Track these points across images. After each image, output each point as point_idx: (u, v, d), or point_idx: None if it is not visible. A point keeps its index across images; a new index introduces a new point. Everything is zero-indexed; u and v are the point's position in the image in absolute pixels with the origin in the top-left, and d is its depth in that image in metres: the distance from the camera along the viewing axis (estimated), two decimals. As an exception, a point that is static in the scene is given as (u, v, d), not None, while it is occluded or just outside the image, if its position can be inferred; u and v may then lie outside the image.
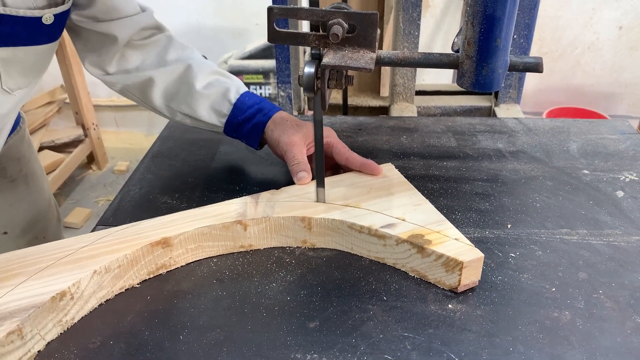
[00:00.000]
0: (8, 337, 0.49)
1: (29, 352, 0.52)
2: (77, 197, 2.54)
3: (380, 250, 0.63)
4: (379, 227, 0.62)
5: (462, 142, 0.94)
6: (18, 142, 0.91)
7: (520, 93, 1.36)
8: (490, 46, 0.52)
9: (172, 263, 0.63)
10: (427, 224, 0.62)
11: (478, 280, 0.59)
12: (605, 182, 0.80)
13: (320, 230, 0.65)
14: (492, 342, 0.53)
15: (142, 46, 0.83)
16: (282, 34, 0.55)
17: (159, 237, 0.61)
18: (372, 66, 0.53)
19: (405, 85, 1.40)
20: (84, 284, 0.56)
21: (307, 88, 0.57)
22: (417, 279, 0.61)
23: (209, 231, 0.64)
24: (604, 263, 0.63)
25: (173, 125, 1.03)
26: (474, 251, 0.58)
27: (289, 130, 0.76)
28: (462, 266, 0.56)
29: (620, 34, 2.55)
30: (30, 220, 0.95)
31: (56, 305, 0.54)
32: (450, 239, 0.60)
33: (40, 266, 0.57)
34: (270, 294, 0.59)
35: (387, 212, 0.64)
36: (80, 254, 0.59)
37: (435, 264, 0.58)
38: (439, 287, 0.60)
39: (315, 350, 0.52)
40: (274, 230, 0.66)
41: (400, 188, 0.70)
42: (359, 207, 0.66)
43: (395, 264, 0.62)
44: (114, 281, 0.59)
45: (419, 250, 0.59)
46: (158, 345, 0.53)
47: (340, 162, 0.76)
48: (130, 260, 0.60)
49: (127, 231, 0.63)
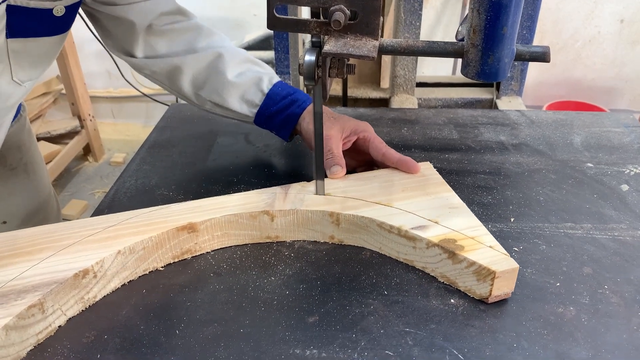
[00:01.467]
0: (29, 310, 0.50)
1: (49, 326, 0.52)
2: (73, 189, 2.52)
3: (409, 252, 0.60)
4: (410, 229, 0.59)
5: (464, 135, 0.92)
6: (18, 131, 0.90)
7: (523, 85, 1.35)
8: (497, 34, 0.50)
9: (197, 249, 0.63)
10: (461, 229, 0.59)
11: (511, 292, 0.56)
12: (610, 176, 0.79)
13: (349, 227, 0.63)
14: (496, 337, 0.51)
15: (168, 32, 0.81)
16: (282, 20, 0.54)
17: (185, 222, 0.61)
18: (374, 54, 0.51)
19: (406, 76, 1.39)
20: (107, 263, 0.56)
21: (307, 77, 0.55)
22: (419, 273, 0.60)
23: (236, 219, 0.63)
24: (609, 258, 0.62)
25: (170, 116, 1.02)
26: (508, 261, 0.55)
27: (326, 122, 0.72)
28: (494, 276, 0.53)
29: (621, 27, 2.53)
30: (31, 210, 0.93)
31: (78, 283, 0.54)
32: (485, 246, 0.57)
33: (66, 242, 0.58)
34: (268, 288, 0.58)
35: (420, 213, 0.62)
36: (106, 233, 0.59)
37: (467, 272, 0.55)
38: (440, 283, 0.58)
39: (315, 346, 0.50)
40: (301, 224, 0.64)
41: (437, 189, 0.67)
42: (391, 205, 0.63)
43: (425, 268, 0.60)
44: (138, 263, 0.59)
45: (450, 256, 0.56)
46: (153, 339, 0.51)
47: (376, 158, 0.73)
48: (155, 243, 0.59)
49: (154, 214, 0.63)
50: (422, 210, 0.62)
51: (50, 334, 0.53)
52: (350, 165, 0.72)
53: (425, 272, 0.60)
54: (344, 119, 0.75)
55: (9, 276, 0.53)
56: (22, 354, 0.50)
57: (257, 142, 0.90)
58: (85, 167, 2.70)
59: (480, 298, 0.56)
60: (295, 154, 0.87)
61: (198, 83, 0.81)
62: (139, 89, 2.67)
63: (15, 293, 0.51)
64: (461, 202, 0.64)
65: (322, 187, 0.66)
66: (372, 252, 0.63)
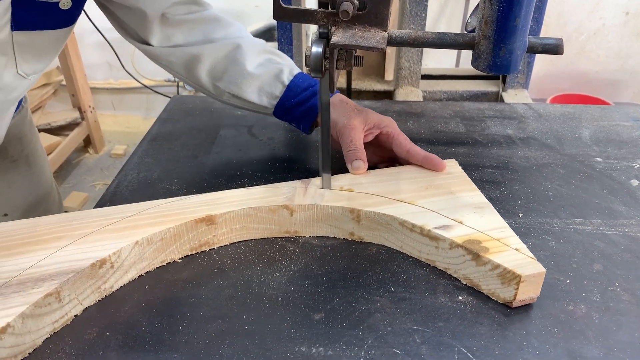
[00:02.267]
0: (46, 298, 0.50)
1: (65, 315, 0.52)
2: (73, 181, 2.52)
3: (432, 252, 0.58)
4: (433, 228, 0.57)
5: (471, 128, 0.91)
6: (20, 122, 0.89)
7: (529, 78, 1.33)
8: (509, 25, 0.49)
9: (215, 241, 0.62)
10: (486, 230, 0.57)
11: (537, 297, 0.54)
12: (619, 171, 0.77)
13: (369, 224, 0.61)
14: (505, 335, 0.50)
15: (184, 22, 0.80)
16: (288, 10, 0.52)
17: (203, 214, 0.60)
18: (383, 46, 0.50)
19: (411, 69, 1.37)
20: (124, 253, 0.56)
21: (314, 69, 0.54)
22: (427, 269, 0.59)
23: (255, 213, 0.62)
24: (619, 254, 0.61)
25: (172, 108, 1.01)
26: (535, 265, 0.53)
27: (350, 112, 0.71)
28: (519, 280, 0.51)
29: (626, 19, 2.51)
30: (32, 202, 0.93)
31: (95, 272, 0.54)
32: (511, 248, 0.55)
33: (84, 231, 0.58)
34: (273, 284, 0.57)
35: (443, 213, 0.60)
36: (125, 223, 0.59)
37: (491, 275, 0.54)
38: (448, 279, 0.57)
39: (321, 343, 0.49)
40: (321, 219, 0.63)
41: (462, 188, 0.65)
42: (414, 203, 0.62)
43: (447, 269, 0.58)
44: (156, 254, 0.59)
45: (474, 258, 0.54)
46: (156, 336, 0.50)
47: (400, 155, 0.71)
48: (174, 234, 0.59)
49: (173, 205, 0.62)
50: (446, 209, 0.61)
51: (66, 323, 0.52)
52: (372, 161, 0.71)
53: (447, 272, 0.58)
54: (368, 112, 0.73)
55: (26, 264, 0.53)
56: (37, 342, 0.50)
57: (261, 134, 0.89)
58: (85, 159, 2.69)
59: (504, 302, 0.54)
60: (300, 147, 0.86)
61: (216, 74, 0.80)
62: (139, 80, 2.65)
63: (33, 281, 0.51)
64: (487, 202, 0.62)
65: (329, 180, 0.65)
66: (378, 248, 0.62)
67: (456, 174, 0.68)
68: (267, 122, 0.94)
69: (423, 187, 0.65)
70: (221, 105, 1.01)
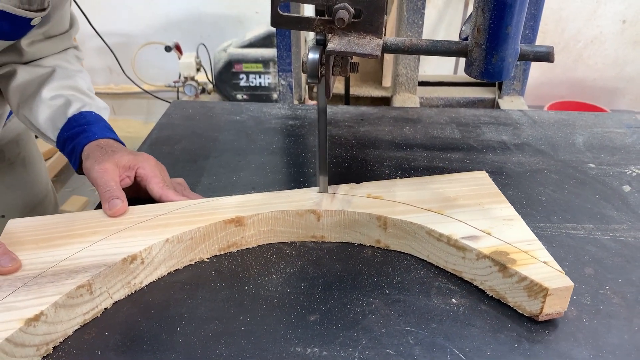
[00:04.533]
0: (78, 290, 0.52)
1: (96, 307, 0.54)
2: (73, 185, 2.52)
3: (458, 262, 0.58)
4: (460, 238, 0.57)
5: (466, 134, 0.92)
6: (16, 125, 0.91)
7: (525, 85, 1.34)
8: (501, 34, 0.50)
9: (243, 243, 0.63)
10: (514, 242, 0.56)
11: (564, 312, 0.53)
12: (612, 177, 0.79)
13: (396, 232, 0.62)
14: (497, 337, 0.51)
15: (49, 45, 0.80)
16: (285, 18, 0.54)
17: (233, 215, 0.61)
18: (378, 52, 0.51)
19: (408, 75, 1.39)
20: (155, 250, 0.58)
21: (311, 75, 0.55)
22: (421, 271, 0.60)
23: (282, 216, 0.63)
24: (610, 258, 0.62)
25: (172, 112, 1.02)
26: (563, 278, 0.52)
27: (102, 156, 0.68)
28: (546, 293, 0.51)
29: (623, 27, 2.53)
30: (29, 204, 0.94)
31: (126, 267, 0.56)
32: (539, 261, 0.54)
33: (118, 227, 0.60)
34: (269, 286, 0.58)
35: (471, 223, 0.59)
36: (157, 221, 0.61)
37: (517, 287, 0.53)
38: (442, 282, 0.58)
39: (316, 344, 0.50)
40: (348, 225, 0.63)
41: (492, 199, 0.65)
42: (442, 213, 0.61)
43: (473, 280, 0.57)
44: (185, 252, 0.60)
45: (500, 269, 0.54)
46: (154, 336, 0.51)
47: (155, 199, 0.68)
48: (203, 234, 0.61)
49: (204, 205, 0.64)
50: (475, 220, 0.60)
51: (96, 315, 0.54)
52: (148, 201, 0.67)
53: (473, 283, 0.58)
54: (121, 153, 0.69)
55: (62, 256, 0.56)
56: (68, 332, 0.52)
57: (259, 140, 0.90)
58: (85, 163, 2.70)
59: (530, 315, 0.53)
60: (297, 152, 0.87)
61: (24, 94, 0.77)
62: (140, 85, 2.67)
63: (67, 273, 0.53)
64: (516, 215, 0.62)
65: (326, 183, 0.66)
66: (373, 251, 0.63)
67: (486, 186, 0.68)
68: (265, 127, 0.95)
69: (452, 197, 0.65)
70: (220, 111, 1.02)
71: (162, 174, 0.70)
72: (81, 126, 0.73)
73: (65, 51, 0.82)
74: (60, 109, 0.75)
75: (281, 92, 1.41)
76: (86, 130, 0.72)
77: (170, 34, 2.73)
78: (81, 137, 0.71)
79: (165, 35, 2.73)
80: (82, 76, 0.81)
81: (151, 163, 0.70)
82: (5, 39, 0.71)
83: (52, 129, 0.75)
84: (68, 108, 0.74)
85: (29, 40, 0.76)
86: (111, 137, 0.73)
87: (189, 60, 2.62)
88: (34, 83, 0.77)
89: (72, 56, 0.83)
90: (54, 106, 0.75)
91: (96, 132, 0.72)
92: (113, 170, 0.67)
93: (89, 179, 0.68)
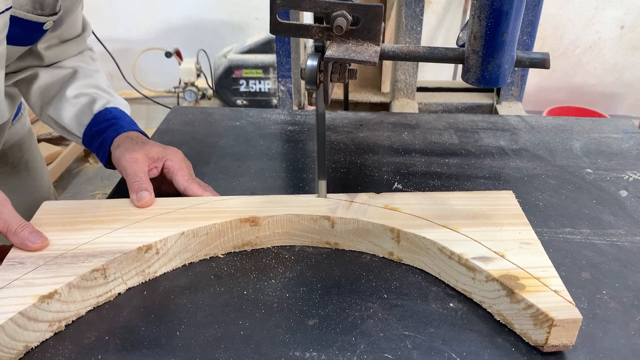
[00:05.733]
0: (92, 273, 0.55)
1: (110, 291, 0.57)
2: (73, 190, 2.53)
3: (468, 283, 0.57)
4: (471, 258, 0.56)
5: (464, 139, 0.93)
6: (19, 129, 0.91)
7: (523, 91, 1.35)
8: (497, 41, 0.51)
9: (258, 242, 0.65)
10: (527, 267, 0.55)
11: (572, 345, 0.51)
12: (609, 182, 0.79)
13: (409, 246, 0.61)
14: (494, 341, 0.52)
15: None
16: (284, 25, 0.54)
17: (248, 215, 0.62)
18: (376, 59, 0.52)
19: (407, 81, 1.39)
20: (170, 242, 0.60)
21: (309, 81, 0.55)
22: (419, 276, 0.60)
23: (297, 220, 0.64)
24: (607, 263, 0.62)
25: (171, 118, 1.02)
26: (571, 310, 0.49)
27: (133, 146, 0.70)
28: (552, 323, 0.49)
29: (622, 33, 2.54)
30: (31, 208, 0.94)
31: (141, 256, 0.58)
32: (549, 289, 0.52)
33: (139, 217, 0.63)
34: (268, 291, 0.58)
35: (486, 244, 0.58)
36: (176, 214, 0.63)
37: (524, 314, 0.51)
38: (439, 287, 0.59)
39: (315, 348, 0.51)
40: (361, 235, 0.63)
41: (512, 221, 0.62)
42: (457, 230, 0.60)
43: (482, 303, 0.56)
44: (200, 246, 0.62)
45: (508, 294, 0.52)
46: (154, 341, 0.52)
47: (180, 192, 0.70)
48: (219, 230, 0.62)
49: (223, 203, 0.65)
50: (490, 240, 0.58)
51: (109, 298, 0.57)
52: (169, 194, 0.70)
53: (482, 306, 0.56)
54: (150, 144, 0.72)
55: (83, 239, 0.59)
56: (81, 312, 0.55)
57: (259, 145, 0.91)
58: (86, 168, 2.71)
59: (536, 345, 0.51)
60: (297, 157, 0.87)
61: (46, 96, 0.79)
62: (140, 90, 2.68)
63: (84, 256, 0.56)
64: (536, 239, 0.60)
65: (324, 188, 0.66)
66: (372, 256, 0.63)
67: (510, 206, 0.66)
68: (264, 132, 0.95)
69: (471, 215, 0.63)
70: (220, 117, 1.02)
71: (188, 168, 0.72)
72: (109, 120, 0.75)
73: (82, 53, 0.85)
74: (85, 106, 0.77)
75: (281, 97, 1.42)
76: (114, 124, 0.75)
77: (171, 40, 2.75)
78: (110, 131, 0.74)
79: (166, 41, 2.74)
80: (101, 75, 0.84)
81: (179, 156, 0.73)
82: (21, 44, 0.72)
83: (78, 126, 0.77)
84: (93, 105, 0.77)
85: (46, 45, 0.78)
86: (139, 131, 0.76)
87: (189, 66, 2.63)
88: (56, 84, 0.80)
89: (89, 57, 0.85)
90: (78, 104, 0.77)
91: (124, 125, 0.75)
92: (143, 160, 0.69)
93: (117, 168, 0.71)
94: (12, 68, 0.78)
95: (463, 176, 0.81)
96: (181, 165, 0.71)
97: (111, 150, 0.73)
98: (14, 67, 0.78)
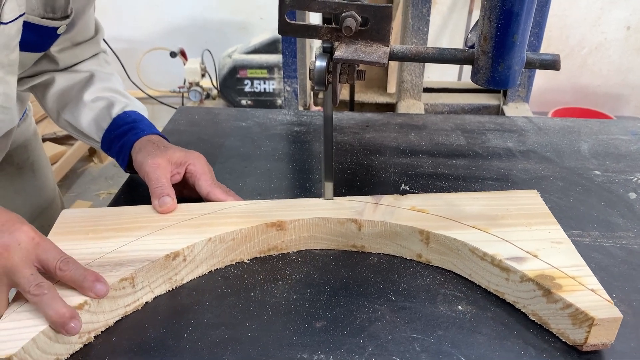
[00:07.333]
0: (121, 282, 0.53)
1: (137, 300, 0.56)
2: (78, 190, 2.53)
3: (501, 284, 0.56)
4: (504, 258, 0.55)
5: (472, 141, 0.92)
6: (25, 130, 0.91)
7: (529, 92, 1.35)
8: (507, 42, 0.50)
9: (283, 247, 0.64)
10: (561, 266, 0.54)
11: (611, 343, 0.50)
12: (617, 184, 0.79)
13: (439, 248, 0.60)
14: (503, 345, 0.51)
15: None
16: (293, 26, 0.54)
17: (275, 219, 0.62)
18: (385, 60, 0.52)
19: (413, 82, 1.39)
20: (197, 248, 0.59)
21: (318, 82, 0.55)
22: (427, 279, 0.60)
23: (323, 223, 0.63)
24: (617, 266, 0.62)
25: (178, 119, 1.02)
26: (611, 309, 0.49)
27: (155, 151, 0.69)
28: (592, 322, 0.48)
29: (628, 34, 2.53)
30: (36, 208, 0.94)
31: (169, 264, 0.57)
32: (586, 288, 0.52)
33: (164, 224, 0.61)
34: (275, 292, 0.58)
35: (518, 244, 0.57)
36: (201, 220, 0.62)
37: (561, 313, 0.51)
38: (448, 289, 0.58)
39: (322, 351, 0.50)
40: (389, 237, 0.62)
41: (541, 220, 0.62)
42: (488, 231, 0.59)
43: (516, 303, 0.56)
44: (227, 252, 0.61)
45: (545, 294, 0.52)
46: (161, 342, 0.51)
47: (202, 197, 0.69)
48: (245, 235, 0.61)
49: (248, 207, 0.65)
50: (522, 240, 0.58)
51: (137, 307, 0.56)
52: (190, 197, 0.69)
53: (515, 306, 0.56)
54: (173, 149, 0.71)
55: (108, 248, 0.57)
56: (110, 322, 0.54)
57: (265, 145, 0.91)
58: (90, 168, 2.71)
59: (574, 344, 0.51)
60: (303, 158, 0.87)
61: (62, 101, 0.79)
62: (144, 90, 2.68)
63: (111, 265, 0.55)
64: (566, 238, 0.59)
65: (331, 190, 0.66)
66: (379, 258, 0.63)
67: (536, 205, 0.65)
68: (270, 133, 0.95)
69: (500, 216, 0.63)
70: (226, 117, 1.02)
71: (210, 173, 0.71)
72: (128, 124, 0.74)
73: (96, 56, 0.84)
74: (103, 110, 0.77)
75: (286, 98, 1.41)
76: (134, 128, 0.74)
77: (175, 40, 2.75)
78: (130, 135, 0.73)
79: (170, 41, 2.75)
80: (117, 78, 0.84)
81: (202, 161, 0.71)
82: (36, 50, 0.72)
83: (96, 131, 0.77)
84: (111, 109, 0.76)
85: (59, 48, 0.77)
86: (159, 134, 0.75)
87: (194, 66, 2.64)
88: (73, 88, 0.79)
89: (103, 60, 0.85)
90: (96, 108, 0.77)
91: (144, 128, 0.74)
92: (165, 166, 0.68)
93: (139, 173, 0.70)
94: (28, 73, 0.78)
95: (471, 178, 0.80)
96: (204, 169, 0.70)
97: (132, 154, 0.72)
98: (29, 71, 0.78)
